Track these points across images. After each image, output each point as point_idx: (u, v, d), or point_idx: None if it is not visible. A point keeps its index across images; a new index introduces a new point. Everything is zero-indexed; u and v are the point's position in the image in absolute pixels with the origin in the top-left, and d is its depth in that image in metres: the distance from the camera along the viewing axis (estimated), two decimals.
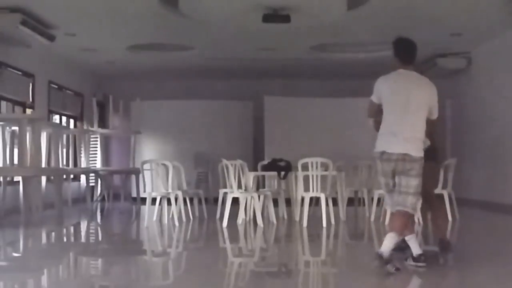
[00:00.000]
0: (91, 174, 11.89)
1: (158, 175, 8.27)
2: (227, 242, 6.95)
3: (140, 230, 8.27)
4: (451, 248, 5.32)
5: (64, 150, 11.17)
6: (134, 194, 12.01)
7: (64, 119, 12.55)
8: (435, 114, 4.87)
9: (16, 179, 9.32)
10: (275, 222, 8.25)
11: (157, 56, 11.77)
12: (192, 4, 8.35)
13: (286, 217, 8.87)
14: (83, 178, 12.26)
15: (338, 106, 12.71)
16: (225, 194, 8.64)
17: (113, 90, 13.45)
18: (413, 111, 4.71)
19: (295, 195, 8.78)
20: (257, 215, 7.96)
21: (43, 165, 9.05)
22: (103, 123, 13.30)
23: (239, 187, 8.05)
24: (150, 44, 11.01)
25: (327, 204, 7.98)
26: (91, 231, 8.43)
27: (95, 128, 12.01)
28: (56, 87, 11.83)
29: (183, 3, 8.22)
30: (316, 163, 8.01)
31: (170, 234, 7.50)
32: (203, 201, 9.43)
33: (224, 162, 8.24)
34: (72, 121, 12.94)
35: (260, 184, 9.73)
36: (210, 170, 11.79)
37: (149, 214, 8.16)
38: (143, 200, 8.84)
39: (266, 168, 9.20)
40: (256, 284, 4.55)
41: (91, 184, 11.98)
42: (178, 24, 9.28)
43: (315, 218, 8.40)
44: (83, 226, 8.95)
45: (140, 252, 6.32)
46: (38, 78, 10.82)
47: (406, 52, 4.92)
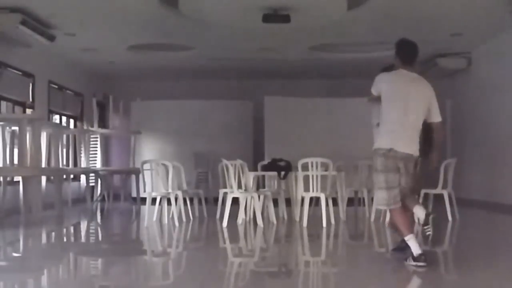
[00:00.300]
0: (91, 174, 11.88)
1: (158, 175, 8.27)
2: (227, 242, 6.94)
3: (140, 230, 8.26)
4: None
5: (64, 150, 11.16)
6: (134, 194, 12.02)
7: (64, 119, 12.54)
8: (436, 116, 4.95)
9: (16, 179, 9.31)
10: (275, 222, 8.25)
11: (157, 56, 11.77)
12: (192, 4, 8.35)
13: (286, 217, 8.86)
14: (83, 178, 12.26)
15: (338, 106, 12.70)
16: (225, 194, 8.63)
17: (113, 90, 13.46)
18: (412, 111, 4.85)
19: (295, 195, 8.78)
20: (257, 215, 7.95)
21: (43, 165, 9.05)
22: (103, 123, 13.31)
23: (239, 187, 8.05)
24: (150, 44, 11.01)
25: (327, 204, 7.97)
26: (91, 231, 8.42)
27: (95, 128, 12.00)
28: (56, 87, 11.83)
29: (183, 3, 8.22)
30: (316, 163, 8.00)
31: (170, 234, 7.49)
32: (203, 201, 9.43)
33: (224, 162, 8.24)
34: (72, 121, 12.94)
35: (260, 184, 9.72)
36: (210, 170, 11.79)
37: (149, 214, 8.17)
38: (143, 200, 8.84)
39: (266, 168, 9.20)
40: (256, 284, 4.54)
41: (91, 184, 11.97)
42: (178, 24, 9.28)
43: (315, 218, 8.40)
44: (83, 226, 8.94)
45: (140, 252, 6.32)
46: (38, 78, 10.82)
47: (406, 52, 5.05)
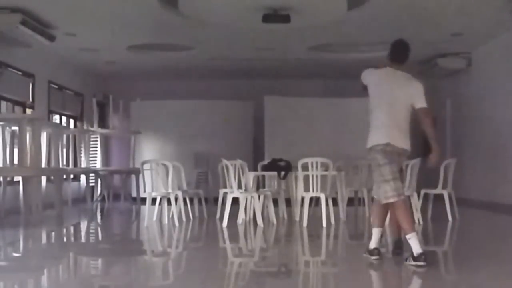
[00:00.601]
0: (91, 174, 11.89)
1: (158, 175, 8.26)
2: (227, 242, 6.94)
3: (140, 230, 8.26)
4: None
5: (64, 150, 11.17)
6: (134, 194, 12.01)
7: (64, 119, 12.55)
8: (420, 103, 4.96)
9: (16, 179, 9.32)
10: (275, 222, 8.24)
11: (157, 56, 11.77)
12: (192, 4, 8.35)
13: (286, 217, 8.86)
14: (83, 178, 12.27)
15: (338, 106, 12.70)
16: (225, 194, 8.63)
17: (113, 90, 13.45)
18: (398, 109, 4.98)
19: (295, 195, 8.78)
20: (257, 215, 7.95)
21: (43, 165, 9.05)
22: (103, 123, 13.31)
23: (239, 187, 8.05)
24: (150, 44, 11.01)
25: (327, 204, 7.97)
26: (91, 231, 8.42)
27: (95, 128, 12.00)
28: (56, 87, 11.83)
29: (183, 3, 8.22)
30: (316, 163, 8.00)
31: (170, 234, 7.49)
32: (203, 201, 9.42)
33: (224, 162, 8.24)
34: (72, 121, 12.94)
35: (260, 184, 9.72)
36: (210, 170, 11.77)
37: (149, 214, 8.16)
38: (143, 200, 8.83)
39: (266, 168, 9.20)
40: (256, 284, 4.54)
41: (91, 184, 11.98)
42: (178, 24, 9.28)
43: (315, 218, 8.40)
44: (83, 226, 8.94)
45: (140, 252, 6.32)
46: (38, 78, 10.82)
47: (395, 51, 5.16)
